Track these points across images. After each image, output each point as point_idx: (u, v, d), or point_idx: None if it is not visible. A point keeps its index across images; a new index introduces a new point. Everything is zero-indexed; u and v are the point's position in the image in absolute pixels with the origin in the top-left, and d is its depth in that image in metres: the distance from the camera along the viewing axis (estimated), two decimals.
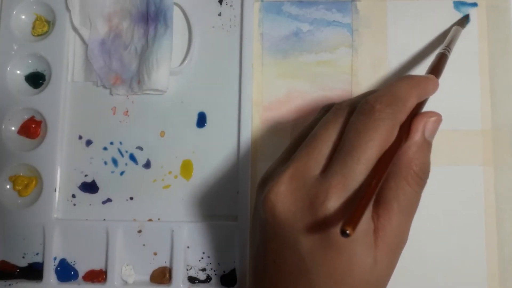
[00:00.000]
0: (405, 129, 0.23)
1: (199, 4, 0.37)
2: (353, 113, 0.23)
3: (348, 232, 0.18)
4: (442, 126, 0.35)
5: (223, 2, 0.37)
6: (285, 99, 0.36)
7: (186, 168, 0.36)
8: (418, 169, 0.23)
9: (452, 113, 0.35)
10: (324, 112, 0.27)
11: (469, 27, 0.36)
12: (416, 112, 0.24)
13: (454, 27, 0.35)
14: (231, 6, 0.37)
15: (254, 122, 0.36)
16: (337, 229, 0.20)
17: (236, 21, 0.37)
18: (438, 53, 0.30)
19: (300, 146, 0.24)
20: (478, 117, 0.35)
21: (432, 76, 0.26)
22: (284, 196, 0.22)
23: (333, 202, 0.21)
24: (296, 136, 0.26)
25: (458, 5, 0.37)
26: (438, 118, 0.24)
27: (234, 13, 0.37)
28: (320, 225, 0.21)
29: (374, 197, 0.21)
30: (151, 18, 0.36)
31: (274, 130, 0.36)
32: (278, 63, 0.36)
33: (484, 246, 0.34)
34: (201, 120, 0.36)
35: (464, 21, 0.36)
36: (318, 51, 0.36)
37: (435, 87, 0.26)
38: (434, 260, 0.34)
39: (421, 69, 0.36)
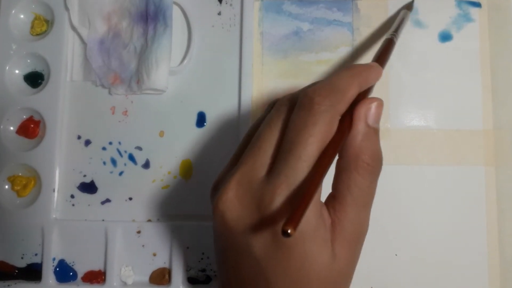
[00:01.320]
0: (348, 120, 0.23)
1: (199, 3, 0.37)
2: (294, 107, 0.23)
3: (289, 231, 0.18)
4: (443, 126, 0.35)
5: (223, 1, 0.37)
6: None
7: (186, 168, 0.36)
8: (367, 157, 0.22)
9: (453, 113, 0.36)
10: (269, 109, 0.26)
11: (470, 27, 0.36)
12: (359, 101, 0.24)
13: (402, 11, 0.34)
14: (231, 5, 0.37)
15: (254, 122, 0.36)
16: None
17: (236, 20, 0.37)
18: (385, 39, 0.30)
19: (246, 148, 0.24)
20: (479, 117, 0.35)
21: (375, 64, 0.26)
22: (232, 203, 0.22)
23: (278, 202, 0.21)
24: (244, 137, 0.26)
25: (460, 3, 0.36)
26: (379, 102, 0.23)
27: (234, 12, 0.37)
28: (268, 227, 0.21)
29: (317, 193, 0.21)
30: (151, 17, 0.36)
31: None
32: (278, 63, 0.36)
33: (485, 246, 0.34)
34: (201, 120, 0.36)
35: (411, 4, 0.36)
36: (318, 50, 0.36)
37: (377, 75, 0.25)
38: (435, 260, 0.34)
39: (421, 71, 0.36)
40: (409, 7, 0.35)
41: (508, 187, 0.35)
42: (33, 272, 0.35)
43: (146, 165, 0.36)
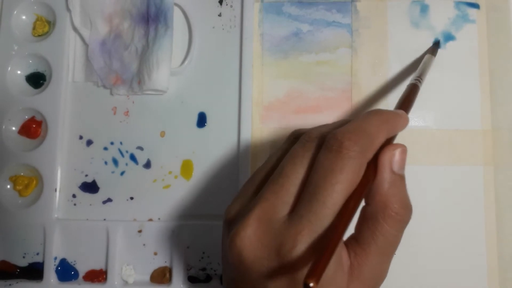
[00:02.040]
0: (373, 166, 0.22)
1: (199, 4, 0.37)
2: (321, 145, 0.23)
3: (311, 285, 0.18)
4: (442, 126, 0.35)
5: (223, 3, 0.37)
6: (285, 99, 0.36)
7: (186, 168, 0.36)
8: (396, 207, 0.22)
9: (452, 113, 0.36)
10: (292, 140, 0.26)
11: (468, 28, 0.36)
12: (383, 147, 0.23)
13: (426, 56, 0.34)
14: (231, 6, 0.37)
15: (254, 122, 0.36)
16: (303, 275, 0.19)
17: (236, 22, 0.37)
18: (410, 84, 0.29)
19: (267, 182, 0.23)
20: (478, 117, 0.35)
21: (402, 112, 0.25)
22: (250, 242, 0.22)
23: (300, 249, 0.20)
24: (264, 166, 0.25)
25: (459, 5, 0.37)
26: (403, 149, 0.23)
27: (234, 14, 0.37)
28: (288, 274, 0.21)
29: (341, 243, 0.20)
30: (152, 18, 0.36)
31: (274, 130, 0.36)
32: (278, 63, 0.36)
33: (484, 246, 0.34)
34: (201, 120, 0.36)
35: (435, 49, 0.35)
36: (318, 51, 0.36)
37: (405, 123, 0.25)
38: (434, 260, 0.34)
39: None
40: (433, 52, 0.35)
41: (506, 187, 0.35)
42: (35, 271, 0.35)
43: (147, 165, 0.36)
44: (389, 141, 0.24)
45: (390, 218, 0.22)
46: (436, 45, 0.36)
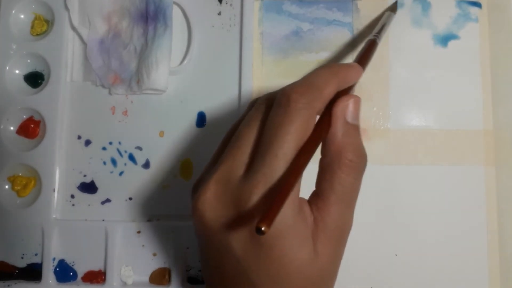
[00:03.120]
0: (327, 118, 0.23)
1: (199, 3, 0.37)
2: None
3: (263, 229, 0.18)
4: (443, 126, 0.35)
5: (223, 1, 0.37)
6: None
7: (186, 168, 0.36)
8: (350, 154, 0.22)
9: (453, 113, 0.36)
10: (250, 107, 0.26)
11: (470, 27, 0.36)
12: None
13: (386, 13, 0.34)
14: (231, 5, 0.37)
15: None
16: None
17: (236, 20, 0.37)
18: (368, 40, 0.30)
19: (226, 147, 0.24)
20: (479, 117, 0.35)
21: (354, 64, 0.26)
22: (210, 203, 0.22)
23: (255, 200, 0.21)
24: (224, 136, 0.26)
25: (460, 3, 0.36)
26: (356, 99, 0.23)
27: (234, 12, 0.37)
28: (246, 225, 0.21)
29: (295, 190, 0.21)
30: (151, 17, 0.36)
31: None
32: (278, 62, 0.36)
33: (485, 246, 0.34)
34: (201, 120, 0.36)
35: (395, 6, 0.36)
36: (318, 50, 0.36)
37: (357, 75, 0.25)
38: (435, 260, 0.34)
39: (422, 71, 0.36)
40: (393, 9, 0.35)
41: (508, 187, 0.35)
42: (33, 272, 0.35)
43: (146, 165, 0.36)
44: (345, 93, 0.24)
45: (346, 166, 0.22)
46: (396, 3, 0.36)
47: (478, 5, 0.36)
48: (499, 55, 0.36)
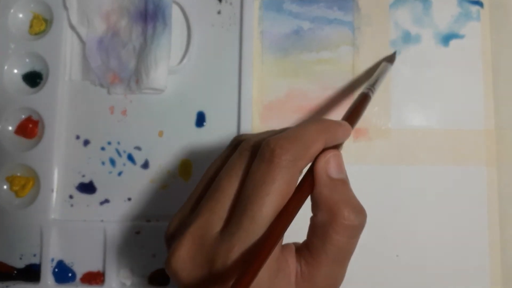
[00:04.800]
0: (311, 176, 0.22)
1: (198, 2, 0.37)
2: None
3: None
4: (444, 126, 0.35)
5: (223, 0, 0.37)
6: (285, 98, 0.36)
7: (185, 168, 0.35)
8: (346, 212, 0.21)
9: (455, 112, 0.35)
10: (232, 148, 0.25)
11: (472, 26, 0.36)
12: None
13: (383, 64, 0.33)
14: (230, 4, 0.37)
15: (254, 121, 0.35)
16: None
17: (235, 19, 0.36)
18: (361, 93, 0.28)
19: (204, 197, 0.23)
20: (481, 117, 0.35)
21: (344, 123, 0.24)
22: (184, 262, 0.21)
23: (230, 266, 0.20)
24: (203, 177, 0.25)
25: (462, 2, 0.36)
26: (335, 153, 0.22)
27: (233, 11, 0.37)
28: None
29: (272, 253, 0.20)
30: (150, 16, 0.36)
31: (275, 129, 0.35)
32: (279, 62, 0.36)
33: (487, 246, 0.34)
34: (200, 120, 0.36)
35: (393, 56, 0.35)
36: (319, 49, 0.36)
37: (345, 134, 0.24)
38: (436, 261, 0.34)
39: (423, 70, 0.36)
40: (390, 59, 0.35)
41: (509, 187, 0.34)
42: (32, 272, 0.35)
43: (145, 165, 0.36)
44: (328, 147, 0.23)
45: (340, 226, 0.21)
46: (394, 54, 0.35)
47: (480, 4, 0.36)
48: (501, 54, 0.36)
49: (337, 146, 0.23)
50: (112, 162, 0.36)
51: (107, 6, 0.36)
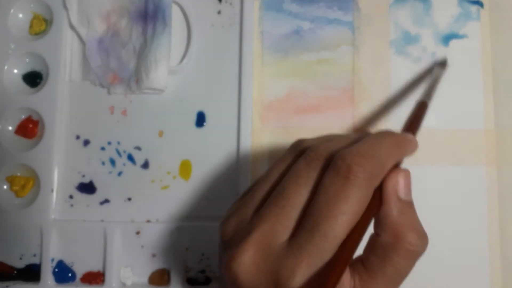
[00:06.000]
0: (378, 194, 0.21)
1: (198, 2, 0.37)
2: (328, 166, 0.21)
3: None
4: (445, 126, 0.35)
5: (223, 0, 0.37)
6: (285, 98, 0.36)
7: (185, 168, 0.35)
8: (411, 237, 0.21)
9: (455, 112, 0.35)
10: (297, 153, 0.24)
11: (472, 26, 0.36)
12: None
13: (436, 69, 0.33)
14: (230, 4, 0.37)
15: (254, 121, 0.35)
16: None
17: (235, 19, 0.36)
18: (419, 101, 0.28)
19: (267, 201, 0.22)
20: (481, 116, 0.35)
21: (412, 138, 0.24)
22: (247, 268, 0.21)
23: (298, 280, 0.20)
24: (264, 180, 0.24)
25: (462, 3, 0.36)
26: (406, 173, 0.22)
27: (233, 11, 0.37)
28: None
29: (340, 278, 0.20)
30: (150, 16, 0.36)
31: (275, 129, 0.35)
32: (279, 62, 0.36)
33: (487, 246, 0.34)
34: (200, 120, 0.36)
35: (445, 62, 0.35)
36: (319, 49, 0.36)
37: (414, 149, 0.24)
38: (436, 260, 0.34)
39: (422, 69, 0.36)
40: (443, 64, 0.34)
41: (509, 187, 0.34)
42: (32, 272, 0.35)
43: (145, 165, 0.36)
44: (394, 166, 0.23)
45: (403, 249, 0.21)
46: (446, 60, 0.35)
47: (480, 3, 0.36)
48: (501, 54, 0.36)
49: (400, 162, 0.23)
50: (112, 162, 0.36)
51: (107, 6, 0.37)
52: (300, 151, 0.24)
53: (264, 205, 0.22)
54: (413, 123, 0.26)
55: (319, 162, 0.22)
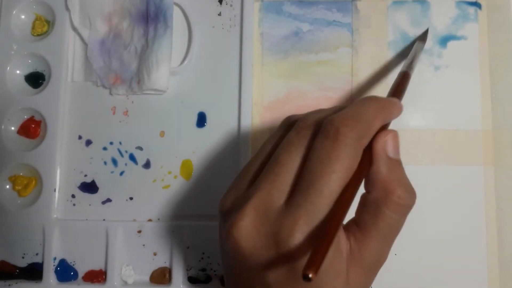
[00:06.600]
0: (368, 153, 0.22)
1: (199, 3, 0.37)
2: (317, 132, 0.22)
3: (310, 276, 0.18)
4: (442, 126, 0.35)
5: (223, 2, 0.37)
6: (285, 99, 0.36)
7: (186, 168, 0.36)
8: (400, 191, 0.22)
9: (452, 113, 0.35)
10: (286, 127, 0.25)
11: (469, 28, 0.36)
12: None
13: (417, 43, 0.34)
14: (231, 5, 0.37)
15: (254, 122, 0.36)
16: (301, 264, 0.19)
17: (236, 21, 0.37)
18: (401, 72, 0.29)
19: (263, 171, 0.23)
20: (478, 117, 0.35)
21: (396, 100, 0.25)
22: (247, 232, 0.22)
23: (297, 238, 0.20)
24: (258, 155, 0.25)
25: (460, 4, 0.36)
26: (394, 134, 0.23)
27: (234, 13, 0.37)
28: (285, 261, 0.21)
29: (337, 233, 0.20)
30: (151, 17, 0.36)
31: (274, 130, 0.36)
32: (278, 63, 0.36)
33: (484, 246, 0.34)
34: (201, 120, 0.36)
35: (425, 35, 0.35)
36: (318, 51, 0.36)
37: (399, 111, 0.25)
38: (434, 260, 0.34)
39: (421, 71, 0.36)
40: (423, 38, 0.35)
41: (507, 187, 0.35)
42: (34, 271, 0.35)
43: (147, 165, 0.36)
44: (382, 128, 0.24)
45: (393, 203, 0.22)
46: (426, 32, 0.36)
47: (478, 5, 0.36)
48: (499, 55, 0.36)
49: (387, 124, 0.24)
50: (114, 162, 0.36)
51: (109, 8, 0.37)
52: (289, 124, 0.25)
53: (260, 175, 0.23)
54: (397, 91, 0.27)
55: (309, 131, 0.23)
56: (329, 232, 0.19)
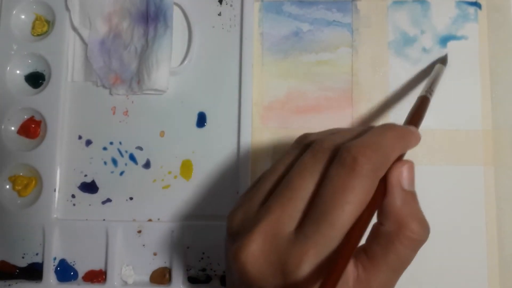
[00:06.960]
0: (382, 184, 0.22)
1: (199, 3, 0.37)
2: (333, 158, 0.22)
3: None
4: (442, 126, 0.35)
5: (223, 2, 0.37)
6: (285, 99, 0.36)
7: (186, 168, 0.36)
8: (414, 226, 0.21)
9: (452, 113, 0.36)
10: (302, 147, 0.24)
11: (470, 28, 0.36)
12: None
13: (437, 66, 0.34)
14: (231, 5, 0.37)
15: (254, 122, 0.36)
16: None
17: (236, 21, 0.37)
18: (420, 96, 0.29)
19: (274, 192, 0.23)
20: (478, 117, 0.35)
21: (414, 129, 0.25)
22: (255, 258, 0.21)
23: (305, 269, 0.20)
24: (271, 173, 0.24)
25: (460, 4, 0.36)
26: (410, 165, 0.22)
27: (234, 13, 0.37)
28: None
29: (346, 266, 0.20)
30: (151, 17, 0.36)
31: (274, 130, 0.36)
32: (278, 63, 0.36)
33: (484, 246, 0.34)
34: (201, 120, 0.36)
35: (445, 58, 0.35)
36: (318, 51, 0.36)
37: (417, 141, 0.24)
38: (434, 260, 0.34)
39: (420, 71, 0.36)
40: (443, 61, 0.34)
41: (507, 187, 0.35)
42: (34, 271, 0.35)
43: (147, 165, 0.36)
44: (398, 157, 0.23)
45: (406, 238, 0.21)
46: (446, 55, 0.35)
47: (478, 5, 0.36)
48: (499, 55, 0.36)
49: (403, 154, 0.24)
50: (114, 162, 0.36)
51: (109, 8, 0.37)
52: (305, 145, 0.24)
53: (271, 197, 0.22)
54: (415, 117, 0.27)
55: (325, 155, 0.22)
56: (338, 267, 0.19)
